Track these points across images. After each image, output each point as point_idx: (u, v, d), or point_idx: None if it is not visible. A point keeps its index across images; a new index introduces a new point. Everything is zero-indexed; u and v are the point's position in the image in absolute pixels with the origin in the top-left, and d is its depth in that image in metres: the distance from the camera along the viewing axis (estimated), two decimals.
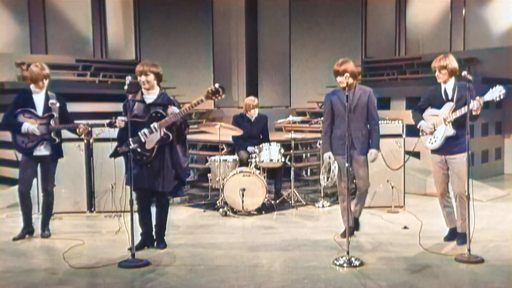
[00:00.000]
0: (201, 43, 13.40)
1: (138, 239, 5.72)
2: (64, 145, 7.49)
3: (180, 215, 7.69)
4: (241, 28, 13.81)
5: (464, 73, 5.38)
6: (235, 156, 8.29)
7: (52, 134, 6.22)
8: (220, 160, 7.96)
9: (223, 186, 7.63)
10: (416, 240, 5.93)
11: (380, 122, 7.80)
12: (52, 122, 6.19)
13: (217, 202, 7.86)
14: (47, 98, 6.24)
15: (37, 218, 6.77)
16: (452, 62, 5.68)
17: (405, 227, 6.66)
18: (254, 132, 8.51)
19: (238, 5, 13.82)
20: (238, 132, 8.07)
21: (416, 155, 9.20)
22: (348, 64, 5.84)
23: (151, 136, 5.53)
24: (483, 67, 10.73)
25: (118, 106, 6.00)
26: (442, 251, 5.59)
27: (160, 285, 4.82)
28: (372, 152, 5.99)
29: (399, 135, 7.87)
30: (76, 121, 7.82)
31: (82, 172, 7.71)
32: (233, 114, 9.21)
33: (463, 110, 5.49)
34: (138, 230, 5.78)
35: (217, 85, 5.49)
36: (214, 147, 9.70)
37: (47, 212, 6.53)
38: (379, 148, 6.07)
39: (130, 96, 5.59)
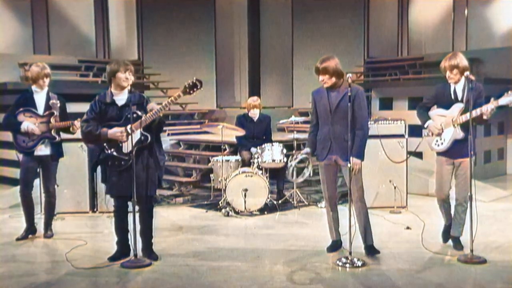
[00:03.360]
0: (203, 44, 13.41)
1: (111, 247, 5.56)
2: (66, 145, 7.52)
3: (182, 215, 7.69)
4: (243, 28, 13.83)
5: (467, 73, 5.35)
6: (238, 157, 8.30)
7: (53, 132, 6.23)
8: (222, 161, 7.96)
9: (225, 187, 7.64)
10: (419, 240, 5.91)
11: (382, 122, 7.90)
12: (52, 120, 6.21)
13: (220, 202, 7.86)
14: (48, 98, 6.25)
15: (39, 218, 6.78)
16: (462, 60, 5.43)
17: (408, 228, 6.66)
18: (257, 133, 8.51)
19: (240, 5, 13.83)
20: (241, 132, 8.08)
21: (419, 155, 9.19)
22: (329, 62, 5.32)
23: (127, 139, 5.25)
24: (485, 67, 10.72)
25: None
26: (444, 252, 5.59)
27: (163, 285, 4.82)
28: (352, 161, 5.27)
29: (402, 135, 7.86)
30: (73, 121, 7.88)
31: (84, 173, 7.71)
32: (235, 114, 9.21)
33: (474, 113, 5.28)
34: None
35: (194, 79, 5.22)
36: (216, 147, 9.70)
37: (50, 213, 6.54)
38: (362, 157, 5.39)
39: (97, 97, 5.39)
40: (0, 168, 10.00)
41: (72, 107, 6.47)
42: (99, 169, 5.58)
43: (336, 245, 5.73)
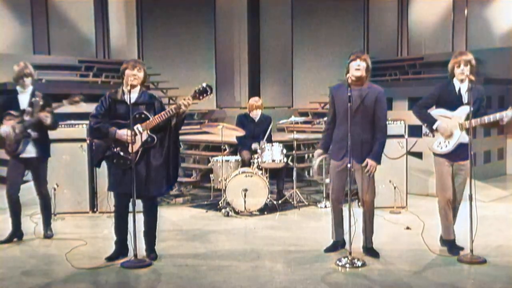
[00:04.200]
0: (203, 44, 13.42)
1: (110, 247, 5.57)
2: (66, 145, 7.57)
3: (182, 215, 7.70)
4: (243, 28, 13.83)
5: (467, 73, 5.33)
6: (238, 157, 8.30)
7: (29, 130, 5.99)
8: (222, 161, 7.96)
9: (225, 187, 7.64)
10: (419, 240, 5.92)
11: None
12: (27, 118, 6.01)
13: (220, 202, 7.86)
14: (32, 97, 6.08)
15: (39, 218, 6.78)
16: (473, 58, 5.35)
17: (408, 228, 6.66)
18: (257, 133, 8.51)
19: (240, 5, 13.83)
20: (241, 132, 8.09)
21: (419, 155, 9.19)
22: (368, 56, 5.43)
23: (134, 139, 5.24)
24: (485, 68, 10.72)
25: None
26: (444, 252, 5.57)
27: (162, 286, 4.82)
28: (367, 161, 5.33)
29: (401, 136, 7.86)
30: (73, 121, 7.86)
31: (84, 173, 7.71)
32: (235, 114, 9.22)
33: (486, 119, 5.20)
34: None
35: (204, 84, 5.22)
36: (216, 147, 9.71)
37: (46, 213, 6.49)
38: (379, 161, 5.39)
39: (108, 93, 5.39)
40: None
41: (72, 107, 6.43)
42: (103, 165, 5.56)
43: (335, 246, 5.70)
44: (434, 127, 5.44)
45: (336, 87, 5.59)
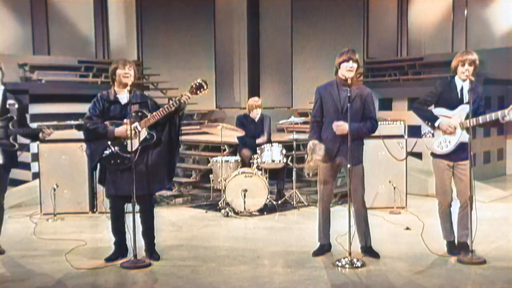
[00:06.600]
0: (203, 44, 13.40)
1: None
2: (66, 145, 7.55)
3: (182, 215, 7.69)
4: (243, 29, 13.82)
5: (467, 73, 5.31)
6: (237, 157, 8.30)
7: (11, 139, 5.49)
8: (222, 161, 7.96)
9: (225, 187, 7.63)
10: (418, 241, 5.91)
11: (381, 123, 7.88)
12: (10, 125, 5.48)
13: (219, 203, 7.86)
14: (4, 98, 5.53)
15: (39, 219, 6.78)
16: (477, 59, 5.28)
17: (407, 228, 6.66)
18: (258, 133, 8.50)
19: (240, 5, 13.83)
20: (240, 132, 8.08)
21: (418, 155, 9.19)
22: (358, 55, 5.31)
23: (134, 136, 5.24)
24: (485, 68, 10.71)
25: None
26: (444, 252, 5.57)
27: (162, 285, 4.82)
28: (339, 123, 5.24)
29: (401, 136, 7.86)
30: (73, 122, 7.85)
31: (84, 173, 7.70)
32: (235, 114, 9.21)
33: (488, 117, 5.16)
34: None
35: (200, 80, 5.31)
36: (216, 148, 9.70)
37: None
38: (353, 133, 5.16)
39: (99, 95, 5.37)
40: None
41: (71, 108, 6.45)
42: (99, 167, 5.53)
43: (323, 249, 5.62)
44: (436, 124, 5.37)
45: (323, 87, 5.50)
